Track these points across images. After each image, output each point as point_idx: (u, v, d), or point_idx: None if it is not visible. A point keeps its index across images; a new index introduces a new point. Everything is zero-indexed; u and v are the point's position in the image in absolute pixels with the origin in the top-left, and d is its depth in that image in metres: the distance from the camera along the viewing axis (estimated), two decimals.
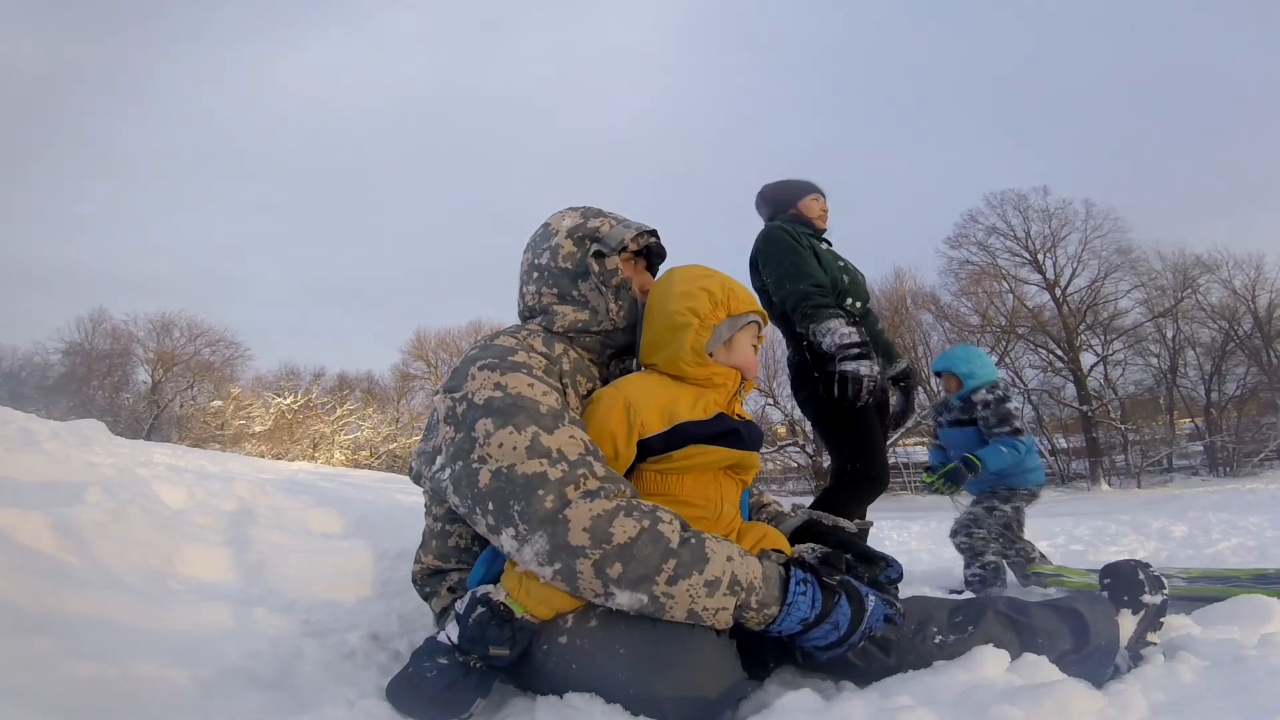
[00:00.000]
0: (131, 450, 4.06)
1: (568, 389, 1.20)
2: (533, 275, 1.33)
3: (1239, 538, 3.75)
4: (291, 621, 1.32)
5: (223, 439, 20.18)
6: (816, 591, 1.03)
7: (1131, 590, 1.25)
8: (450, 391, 1.16)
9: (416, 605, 1.49)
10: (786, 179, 2.52)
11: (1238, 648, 1.16)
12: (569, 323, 1.28)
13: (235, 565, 1.57)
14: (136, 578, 1.36)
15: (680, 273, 1.30)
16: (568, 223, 1.32)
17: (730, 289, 1.25)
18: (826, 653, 1.05)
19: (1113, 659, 1.15)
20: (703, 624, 1.00)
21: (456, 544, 1.24)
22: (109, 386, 23.97)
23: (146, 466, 3.16)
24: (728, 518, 1.21)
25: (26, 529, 1.30)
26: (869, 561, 1.19)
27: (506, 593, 1.06)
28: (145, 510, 1.66)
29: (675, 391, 1.21)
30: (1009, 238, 20.56)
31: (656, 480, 1.18)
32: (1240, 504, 6.94)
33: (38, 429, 3.40)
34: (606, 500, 1.03)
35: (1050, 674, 1.01)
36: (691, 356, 1.21)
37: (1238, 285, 17.93)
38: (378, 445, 23.22)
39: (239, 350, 26.77)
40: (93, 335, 25.49)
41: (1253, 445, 16.20)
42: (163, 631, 1.14)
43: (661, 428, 1.16)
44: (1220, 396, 17.49)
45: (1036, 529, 5.03)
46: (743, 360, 1.26)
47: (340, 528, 2.14)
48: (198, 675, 1.02)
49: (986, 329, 19.77)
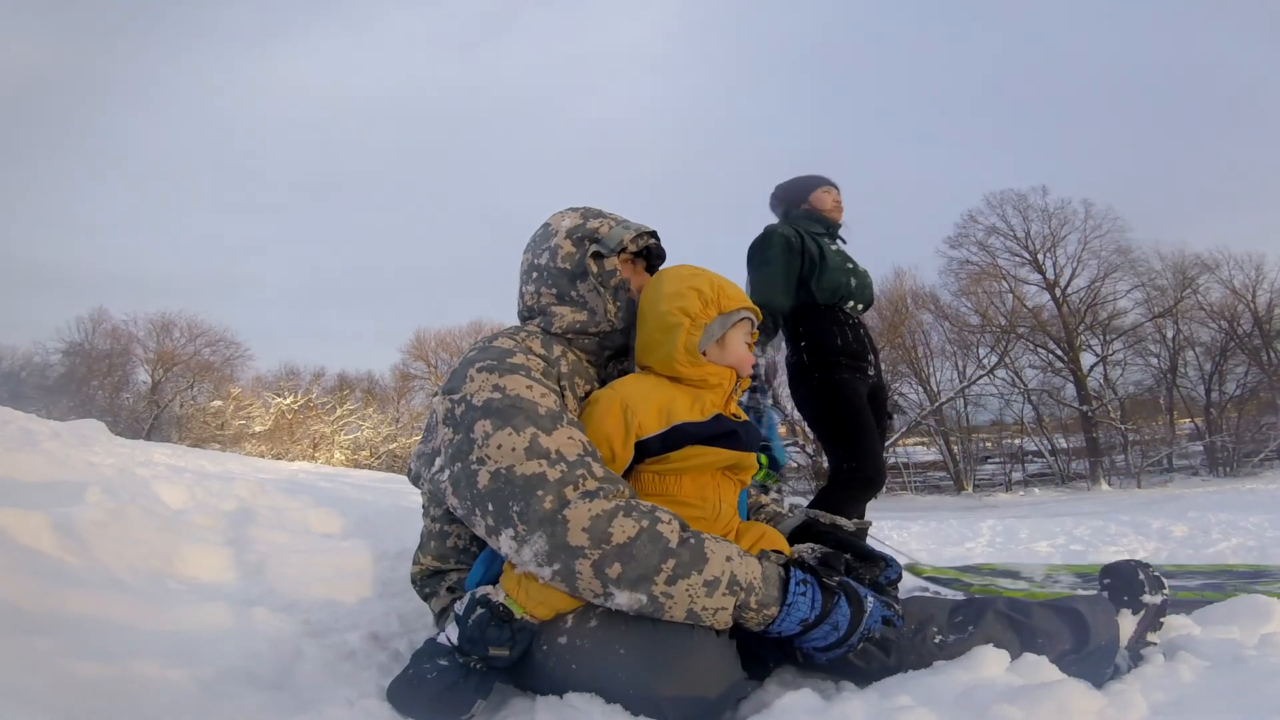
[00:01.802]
0: (131, 450, 4.06)
1: (566, 391, 1.20)
2: (532, 275, 1.33)
3: (1239, 538, 3.75)
4: (291, 621, 1.32)
5: (223, 439, 20.17)
6: (816, 592, 1.03)
7: (1131, 590, 1.25)
8: (449, 393, 1.16)
9: (416, 605, 1.49)
10: (798, 175, 2.52)
11: (1238, 648, 1.16)
12: (567, 323, 1.28)
13: (235, 565, 1.57)
14: (136, 578, 1.36)
15: (670, 273, 1.30)
16: (567, 223, 1.32)
17: (720, 287, 1.25)
18: (826, 654, 1.05)
19: (1113, 659, 1.15)
20: (702, 624, 1.00)
21: (455, 544, 1.24)
22: (109, 386, 23.96)
23: (146, 466, 3.16)
24: (726, 518, 1.22)
25: (26, 529, 1.30)
26: (868, 561, 1.19)
27: (506, 593, 1.06)
28: (145, 510, 1.66)
29: (672, 392, 1.21)
30: (1009, 238, 20.55)
31: (655, 481, 1.18)
32: (1240, 504, 6.94)
33: (38, 429, 3.40)
34: (605, 500, 1.03)
35: (1050, 674, 1.01)
36: (684, 356, 1.21)
37: (1237, 285, 17.92)
38: (378, 445, 23.20)
39: (239, 350, 26.77)
40: (93, 335, 25.49)
41: (1253, 445, 16.19)
42: (163, 631, 1.14)
43: (659, 428, 1.16)
44: (1220, 396, 17.47)
45: (1037, 529, 5.04)
46: (736, 358, 1.26)
47: (340, 528, 2.14)
48: (198, 675, 1.02)
49: (986, 329, 19.75)
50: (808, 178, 2.50)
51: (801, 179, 2.50)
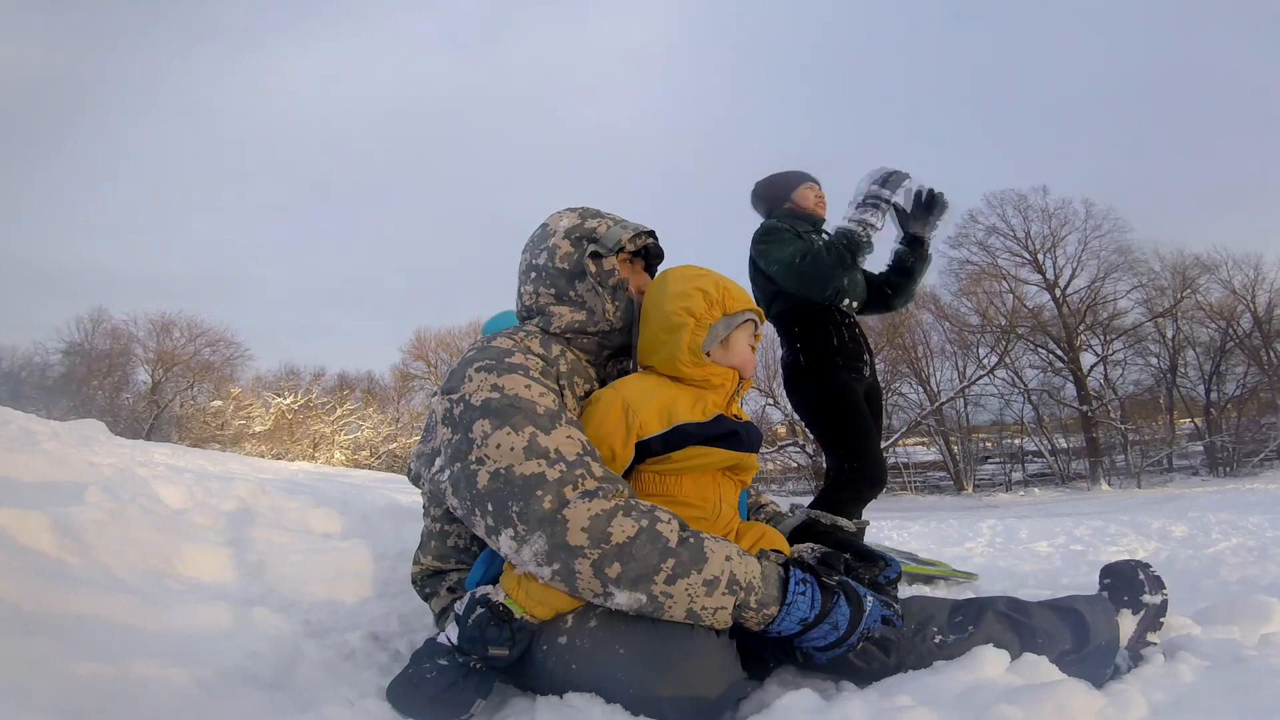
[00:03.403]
0: (131, 450, 4.06)
1: (565, 390, 1.20)
2: (530, 275, 1.33)
3: (1239, 538, 3.74)
4: (291, 621, 1.32)
5: (223, 439, 20.17)
6: (816, 591, 1.03)
7: (1131, 590, 1.25)
8: (447, 393, 1.16)
9: (416, 605, 1.49)
10: (777, 172, 2.46)
11: (1238, 648, 1.16)
12: (565, 323, 1.28)
13: (235, 565, 1.57)
14: (136, 578, 1.36)
15: (674, 273, 1.30)
16: (565, 223, 1.32)
17: (725, 288, 1.25)
18: (825, 653, 1.05)
19: (1113, 659, 1.15)
20: (702, 623, 1.00)
21: (455, 544, 1.24)
22: (109, 386, 23.94)
23: (146, 466, 3.16)
24: (726, 518, 1.22)
25: (26, 529, 1.30)
26: (867, 561, 1.19)
27: (505, 593, 1.06)
28: (145, 510, 1.66)
29: (674, 392, 1.21)
30: (1009, 238, 20.52)
31: (655, 481, 1.18)
32: (1240, 504, 6.93)
33: (38, 429, 3.40)
34: (605, 500, 1.03)
35: (1050, 674, 1.01)
36: (688, 357, 1.21)
37: (1237, 285, 17.90)
38: (378, 445, 23.20)
39: (239, 350, 26.78)
40: (93, 335, 25.49)
41: (1253, 445, 16.18)
42: (163, 631, 1.14)
43: (660, 429, 1.16)
44: (1220, 396, 17.46)
45: (1037, 529, 5.04)
46: (740, 359, 1.26)
47: (340, 528, 2.14)
48: (198, 675, 1.01)
49: (986, 329, 19.75)
50: (787, 174, 2.44)
51: (781, 176, 2.44)
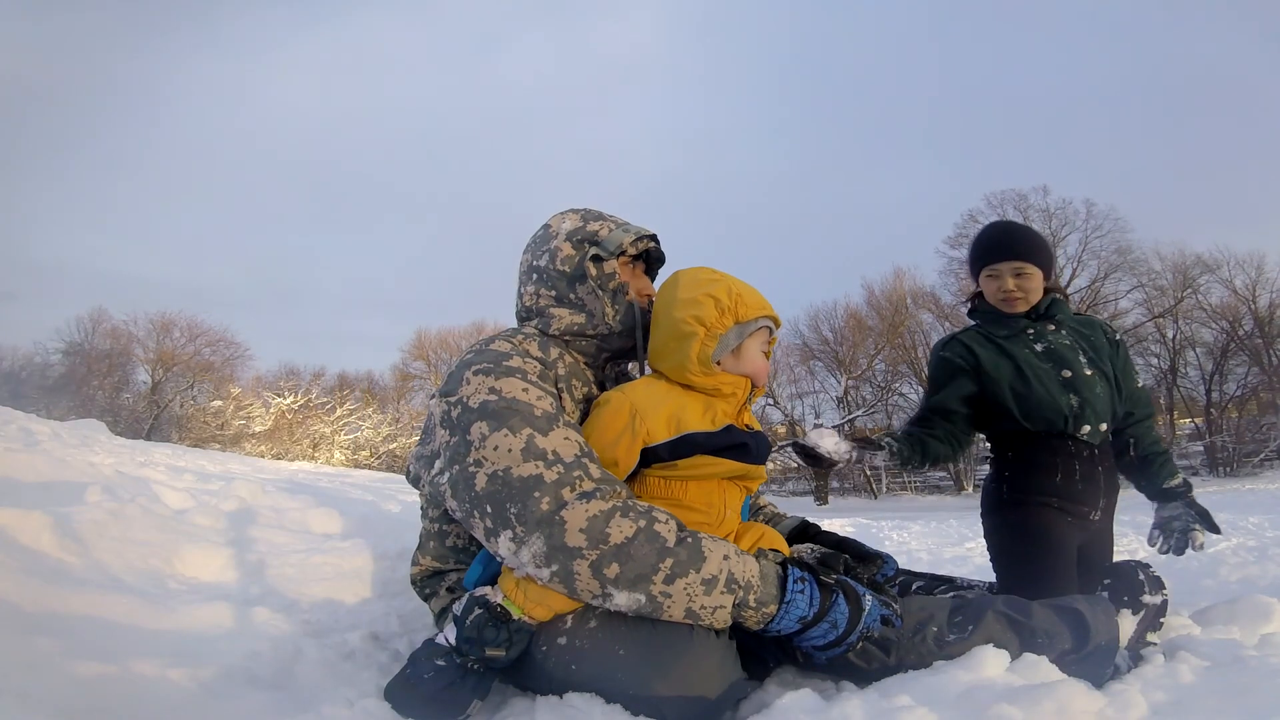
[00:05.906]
0: (131, 450, 4.06)
1: (563, 393, 1.20)
2: (531, 276, 1.33)
3: (1239, 538, 3.74)
4: (291, 621, 1.32)
5: (223, 439, 20.19)
6: (814, 590, 1.03)
7: (1131, 590, 1.25)
8: (445, 396, 1.16)
9: (416, 605, 1.49)
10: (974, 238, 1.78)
11: (1238, 648, 1.16)
12: (565, 325, 1.28)
13: (235, 565, 1.57)
14: (136, 578, 1.36)
15: (687, 277, 1.25)
16: (567, 225, 1.32)
17: (738, 295, 1.20)
18: (825, 653, 1.05)
19: (1113, 659, 1.15)
20: (701, 623, 1.00)
21: (454, 544, 1.24)
22: (109, 386, 23.95)
23: (146, 466, 3.16)
24: (730, 524, 1.20)
25: (26, 529, 1.30)
26: (866, 561, 1.19)
27: (504, 594, 1.06)
28: (145, 510, 1.66)
29: (683, 400, 1.18)
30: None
31: (661, 485, 1.17)
32: (1240, 504, 6.94)
33: (38, 429, 3.40)
34: (603, 501, 1.03)
35: (1050, 674, 1.01)
36: (697, 367, 1.18)
37: (1238, 285, 17.93)
38: (378, 445, 23.22)
39: (239, 350, 26.82)
40: (93, 335, 25.53)
41: (1253, 445, 16.18)
42: (163, 631, 1.14)
43: (667, 436, 1.14)
44: (1221, 396, 17.47)
45: None
46: (752, 368, 1.23)
47: (340, 528, 2.14)
48: (198, 675, 1.02)
49: None
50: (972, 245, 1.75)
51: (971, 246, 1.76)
